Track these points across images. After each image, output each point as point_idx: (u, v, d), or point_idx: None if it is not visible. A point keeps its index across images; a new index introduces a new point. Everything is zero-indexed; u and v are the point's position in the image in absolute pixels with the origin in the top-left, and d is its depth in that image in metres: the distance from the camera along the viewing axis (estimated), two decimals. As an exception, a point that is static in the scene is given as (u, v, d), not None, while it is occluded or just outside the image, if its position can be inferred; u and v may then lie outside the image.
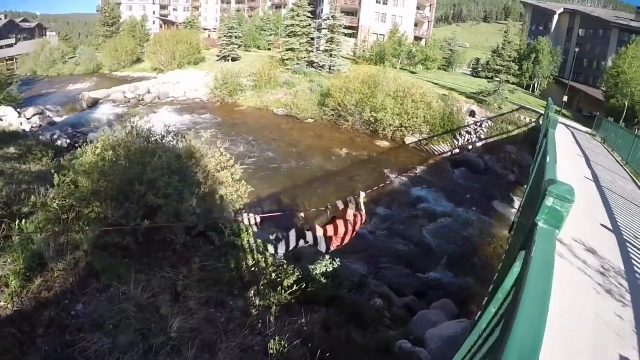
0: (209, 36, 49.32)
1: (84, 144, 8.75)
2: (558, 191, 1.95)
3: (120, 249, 6.54)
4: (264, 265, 7.79)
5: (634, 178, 12.94)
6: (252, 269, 7.42)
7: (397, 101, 23.12)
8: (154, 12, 54.33)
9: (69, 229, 6.30)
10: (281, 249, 6.77)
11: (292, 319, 6.33)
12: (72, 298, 5.36)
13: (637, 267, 5.60)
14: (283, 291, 6.86)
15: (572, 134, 19.54)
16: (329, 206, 7.00)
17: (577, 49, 41.42)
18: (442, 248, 13.70)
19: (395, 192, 17.35)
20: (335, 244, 6.41)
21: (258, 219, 12.86)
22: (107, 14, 48.65)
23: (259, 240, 9.16)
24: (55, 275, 5.51)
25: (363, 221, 6.59)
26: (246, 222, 12.03)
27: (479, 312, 3.28)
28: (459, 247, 13.93)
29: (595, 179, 10.56)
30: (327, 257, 8.56)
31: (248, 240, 8.88)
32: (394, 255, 12.95)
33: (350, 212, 6.26)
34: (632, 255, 5.87)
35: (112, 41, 44.72)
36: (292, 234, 6.57)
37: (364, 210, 6.53)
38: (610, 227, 6.91)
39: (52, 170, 7.62)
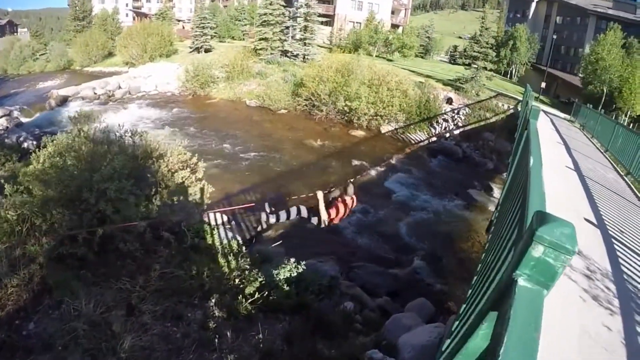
0: (183, 27, 47.43)
1: (37, 149, 7.96)
2: (553, 237, 1.34)
3: (77, 260, 6.24)
4: (227, 270, 7.34)
5: (615, 166, 12.24)
6: (215, 274, 6.96)
7: (372, 90, 22.07)
8: (127, 5, 52.13)
9: (24, 241, 6.00)
10: (273, 219, 6.99)
11: (252, 332, 6.01)
12: (24, 316, 5.16)
13: (624, 266, 4.90)
14: (244, 300, 6.45)
15: (551, 120, 18.72)
16: (331, 190, 7.71)
17: (554, 36, 41.00)
18: (419, 243, 12.87)
19: (369, 184, 16.37)
20: (334, 221, 7.16)
21: (225, 218, 11.71)
22: (77, 8, 46.47)
23: (225, 241, 8.72)
24: (9, 292, 5.26)
25: (355, 205, 7.43)
26: (214, 221, 10.94)
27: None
28: (436, 241, 13.09)
29: (577, 167, 9.78)
30: (292, 260, 8.02)
31: (213, 242, 8.41)
32: (367, 252, 12.09)
33: (346, 197, 7.05)
34: (618, 254, 5.15)
35: (82, 36, 42.66)
36: (294, 209, 6.99)
37: (354, 197, 7.28)
38: (595, 222, 6.17)
39: (2, 181, 7.16)
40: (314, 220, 6.99)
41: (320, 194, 6.83)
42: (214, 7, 46.17)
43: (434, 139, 22.10)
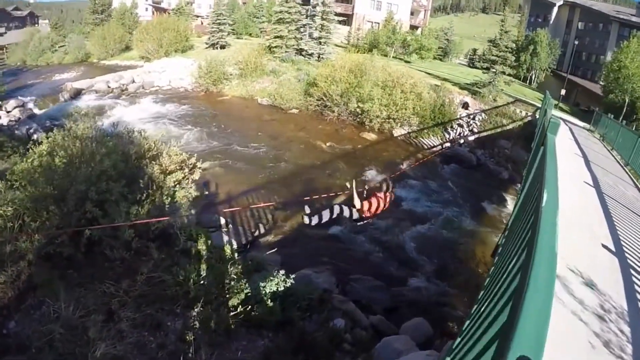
0: (202, 23, 47.10)
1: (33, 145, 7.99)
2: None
3: (64, 259, 6.12)
4: (215, 278, 7.00)
5: (636, 182, 11.40)
6: (203, 281, 6.67)
7: (385, 91, 21.32)
8: (146, -1, 52.29)
9: (16, 238, 5.90)
10: (314, 221, 7.02)
11: (231, 348, 5.76)
12: (7, 315, 5.12)
13: (641, 303, 4.27)
14: (227, 313, 6.21)
15: (570, 130, 17.80)
16: (366, 187, 8.08)
17: (576, 42, 39.70)
18: (423, 257, 12.06)
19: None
20: (367, 215, 7.34)
21: (223, 220, 11.29)
22: (96, 1, 46.51)
23: (220, 245, 8.49)
24: (-4, 289, 5.12)
25: (392, 199, 7.69)
26: (211, 223, 10.80)
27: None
28: (442, 256, 12.28)
29: (596, 184, 9.02)
30: (282, 273, 7.55)
31: (207, 246, 8.12)
32: (367, 264, 11.34)
33: (382, 192, 7.31)
34: (637, 288, 4.55)
35: (100, 29, 42.64)
36: (336, 207, 7.21)
37: (392, 193, 7.61)
38: (613, 249, 5.51)
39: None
40: (352, 214, 7.20)
41: (353, 184, 7.09)
42: (232, 4, 45.72)
43: (448, 144, 21.26)
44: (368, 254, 11.87)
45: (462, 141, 21.35)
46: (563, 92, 35.22)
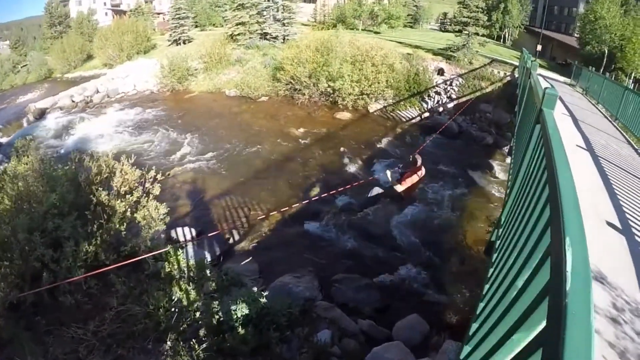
0: (164, 20, 44.69)
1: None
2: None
3: (31, 305, 5.60)
4: (187, 302, 6.38)
5: (627, 138, 10.38)
6: (174, 307, 6.11)
7: (355, 67, 19.71)
8: (105, 4, 49.19)
9: None
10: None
11: None
12: None
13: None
14: (199, 344, 5.38)
15: (551, 86, 16.42)
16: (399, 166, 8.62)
17: None
18: (412, 244, 10.70)
19: (355, 174, 14.16)
20: (406, 193, 8.25)
21: (194, 232, 10.38)
22: (52, 14, 43.85)
23: (192, 261, 7.68)
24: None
25: (424, 174, 8.32)
26: (182, 237, 10.00)
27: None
28: (433, 240, 10.89)
29: (589, 146, 7.83)
30: (255, 290, 7.13)
31: (178, 265, 7.44)
32: (352, 260, 10.02)
33: (415, 168, 7.94)
34: None
35: (59, 42, 40.25)
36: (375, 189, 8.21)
37: (423, 168, 8.09)
38: (619, 225, 4.47)
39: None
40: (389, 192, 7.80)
41: (388, 173, 7.83)
42: (194, -6, 43.37)
43: (427, 114, 19.80)
44: (352, 247, 10.54)
45: (441, 109, 19.89)
46: (539, 47, 33.92)
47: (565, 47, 37.32)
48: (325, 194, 11.49)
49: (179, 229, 10.31)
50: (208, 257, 9.17)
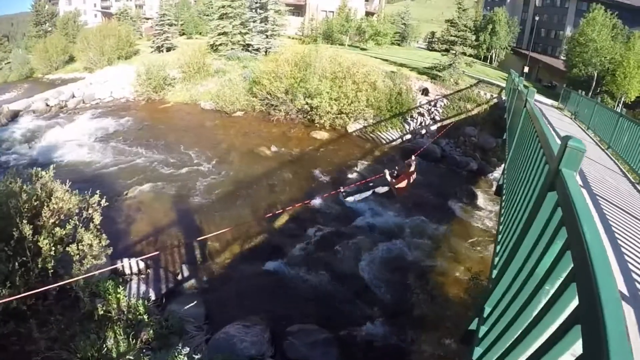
0: (152, 26, 42.88)
1: None
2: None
3: None
4: (115, 355, 5.60)
5: (623, 169, 9.14)
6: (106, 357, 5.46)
7: (335, 84, 18.06)
8: (95, 5, 47.06)
9: None
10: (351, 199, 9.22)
11: None
12: None
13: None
14: None
15: (539, 110, 14.93)
16: (397, 168, 9.73)
17: (537, 18, 37.50)
18: (381, 287, 9.18)
19: (325, 204, 12.43)
20: (403, 191, 9.29)
21: (141, 264, 8.89)
22: (38, 12, 41.72)
23: (133, 301, 6.90)
24: None
25: (415, 177, 9.26)
26: (128, 269, 8.68)
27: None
28: (406, 281, 9.47)
29: (584, 180, 6.25)
30: (186, 351, 5.82)
31: (117, 304, 6.64)
32: (312, 306, 8.46)
33: (409, 171, 8.89)
34: None
35: (43, 42, 38.10)
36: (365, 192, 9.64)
37: (415, 171, 9.18)
38: (626, 293, 3.09)
39: None
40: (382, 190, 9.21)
41: (387, 172, 8.81)
42: (183, 3, 41.57)
43: (408, 136, 18.18)
44: (315, 290, 8.97)
45: (423, 132, 18.28)
46: (526, 69, 32.84)
47: (552, 69, 36.52)
48: (281, 211, 10.53)
49: (126, 261, 8.74)
50: (152, 295, 8.02)
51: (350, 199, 9.65)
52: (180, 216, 11.49)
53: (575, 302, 1.33)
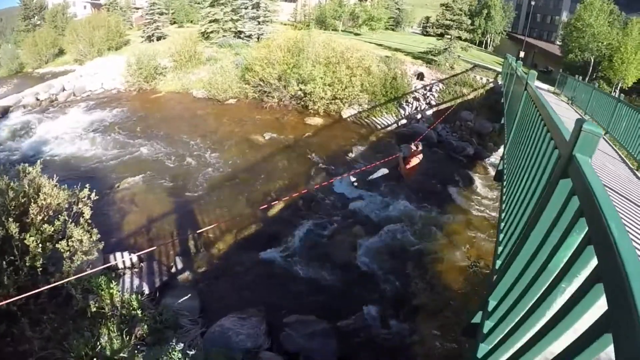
0: (142, 15, 41.92)
1: None
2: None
3: None
4: (109, 353, 5.42)
5: (621, 155, 9.02)
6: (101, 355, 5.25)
7: (329, 69, 17.58)
8: (84, -4, 46.06)
9: None
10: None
11: None
12: None
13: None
14: None
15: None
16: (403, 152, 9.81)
17: (533, 2, 36.98)
18: (380, 276, 8.91)
19: (320, 191, 12.06)
20: (410, 174, 9.92)
21: (135, 258, 8.60)
22: (26, 5, 40.70)
23: (126, 296, 6.75)
24: None
25: (421, 159, 9.80)
26: (121, 264, 8.37)
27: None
28: (405, 269, 9.24)
29: None
30: (179, 347, 5.48)
31: (111, 299, 6.46)
32: (309, 296, 8.24)
33: (415, 153, 9.46)
34: None
35: (32, 35, 37.20)
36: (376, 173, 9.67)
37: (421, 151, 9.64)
38: None
39: None
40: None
41: (400, 155, 9.64)
42: (173, -9, 40.60)
43: (404, 121, 17.78)
44: (312, 280, 8.71)
45: (419, 116, 17.89)
46: (522, 54, 32.39)
47: (547, 54, 36.15)
48: (280, 203, 10.24)
49: (118, 255, 8.53)
50: (146, 289, 7.78)
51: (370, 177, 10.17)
52: (174, 207, 11.14)
53: (599, 303, 1.20)
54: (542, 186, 2.54)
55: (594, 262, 1.31)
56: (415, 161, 9.53)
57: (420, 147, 9.34)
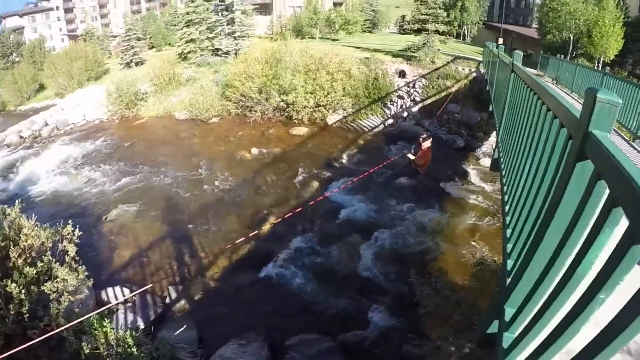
0: (119, 43, 41.46)
1: None
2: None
3: None
4: None
5: (614, 127, 8.19)
6: None
7: (309, 77, 17.13)
8: (60, 30, 45.30)
9: None
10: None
11: None
12: None
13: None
14: None
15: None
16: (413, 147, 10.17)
17: None
18: (384, 280, 8.54)
19: (313, 204, 11.58)
20: (422, 167, 9.99)
21: (127, 292, 8.09)
22: (2, 43, 40.09)
23: (120, 333, 6.18)
24: None
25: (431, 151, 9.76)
26: (114, 299, 7.85)
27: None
28: (409, 271, 8.57)
29: None
30: None
31: (105, 338, 5.94)
32: (313, 312, 7.76)
33: (426, 146, 9.57)
34: None
35: (11, 73, 36.63)
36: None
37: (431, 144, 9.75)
38: None
39: None
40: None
41: (408, 153, 9.89)
42: (149, 15, 40.21)
43: (390, 121, 17.34)
44: (312, 296, 8.19)
45: (405, 114, 17.45)
46: (500, 41, 32.15)
47: (525, 38, 36.01)
48: (273, 223, 9.89)
49: (110, 290, 8.06)
50: (141, 324, 7.34)
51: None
52: (164, 235, 10.57)
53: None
54: (551, 172, 2.21)
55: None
56: (427, 155, 9.70)
57: (430, 140, 9.69)
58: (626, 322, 1.02)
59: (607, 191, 1.32)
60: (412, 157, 10.62)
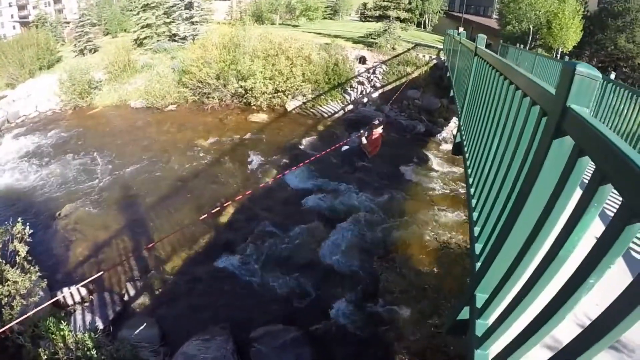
0: (72, 29, 38.75)
1: None
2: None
3: None
4: None
5: None
6: None
7: (268, 62, 16.36)
8: (12, 16, 41.90)
9: None
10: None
11: None
12: None
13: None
14: None
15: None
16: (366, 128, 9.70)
17: None
18: (347, 271, 8.20)
19: (271, 189, 11.00)
20: (373, 151, 9.86)
21: (83, 291, 7.63)
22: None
23: (79, 334, 5.84)
24: None
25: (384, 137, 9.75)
26: (71, 300, 7.48)
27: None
28: (373, 258, 8.39)
29: None
30: None
31: (63, 342, 5.61)
32: (277, 303, 7.49)
33: (377, 132, 9.46)
34: None
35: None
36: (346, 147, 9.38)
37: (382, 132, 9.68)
38: None
39: None
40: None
41: (363, 135, 9.62)
42: (105, 1, 37.72)
43: (350, 107, 16.91)
44: (276, 286, 7.86)
45: (365, 100, 17.03)
46: (461, 29, 32.30)
47: (485, 28, 36.22)
48: (227, 204, 9.24)
49: (66, 290, 7.54)
50: (100, 324, 7.04)
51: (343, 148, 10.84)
52: (120, 229, 9.91)
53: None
54: (521, 152, 2.09)
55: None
56: (378, 139, 9.73)
57: (382, 125, 9.71)
58: (619, 317, 0.94)
59: (591, 168, 1.20)
60: (364, 140, 10.50)
